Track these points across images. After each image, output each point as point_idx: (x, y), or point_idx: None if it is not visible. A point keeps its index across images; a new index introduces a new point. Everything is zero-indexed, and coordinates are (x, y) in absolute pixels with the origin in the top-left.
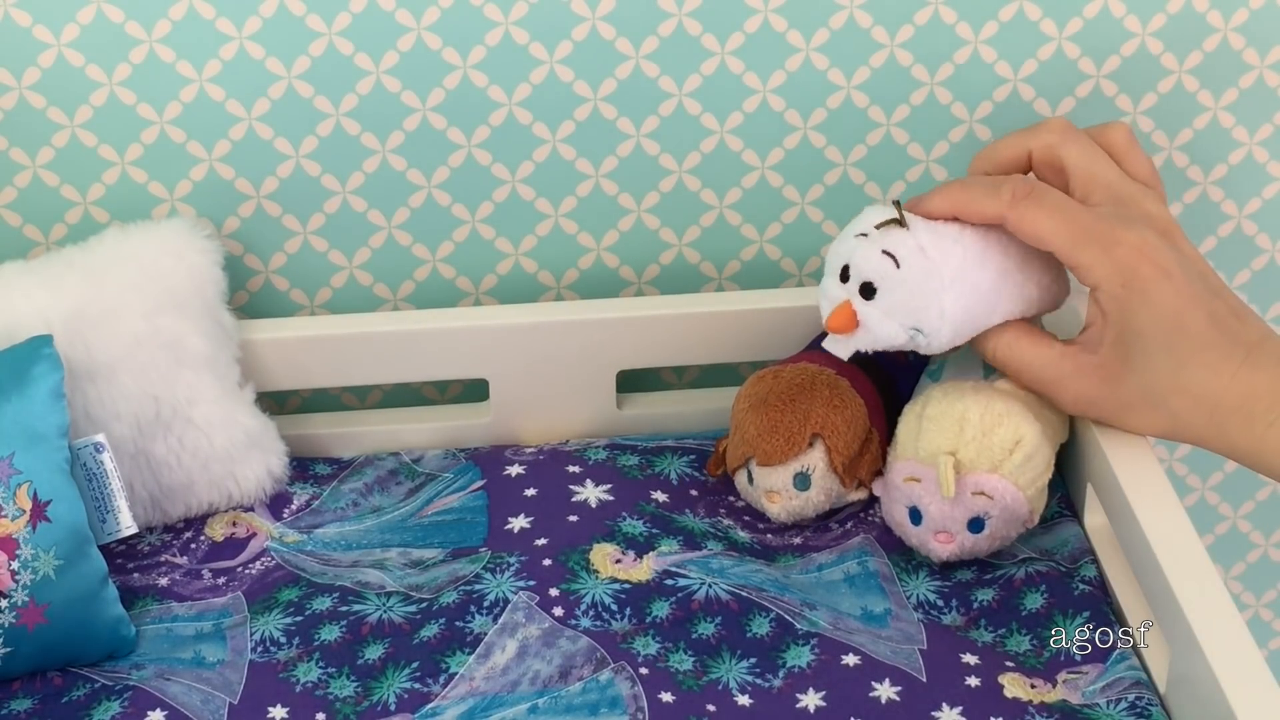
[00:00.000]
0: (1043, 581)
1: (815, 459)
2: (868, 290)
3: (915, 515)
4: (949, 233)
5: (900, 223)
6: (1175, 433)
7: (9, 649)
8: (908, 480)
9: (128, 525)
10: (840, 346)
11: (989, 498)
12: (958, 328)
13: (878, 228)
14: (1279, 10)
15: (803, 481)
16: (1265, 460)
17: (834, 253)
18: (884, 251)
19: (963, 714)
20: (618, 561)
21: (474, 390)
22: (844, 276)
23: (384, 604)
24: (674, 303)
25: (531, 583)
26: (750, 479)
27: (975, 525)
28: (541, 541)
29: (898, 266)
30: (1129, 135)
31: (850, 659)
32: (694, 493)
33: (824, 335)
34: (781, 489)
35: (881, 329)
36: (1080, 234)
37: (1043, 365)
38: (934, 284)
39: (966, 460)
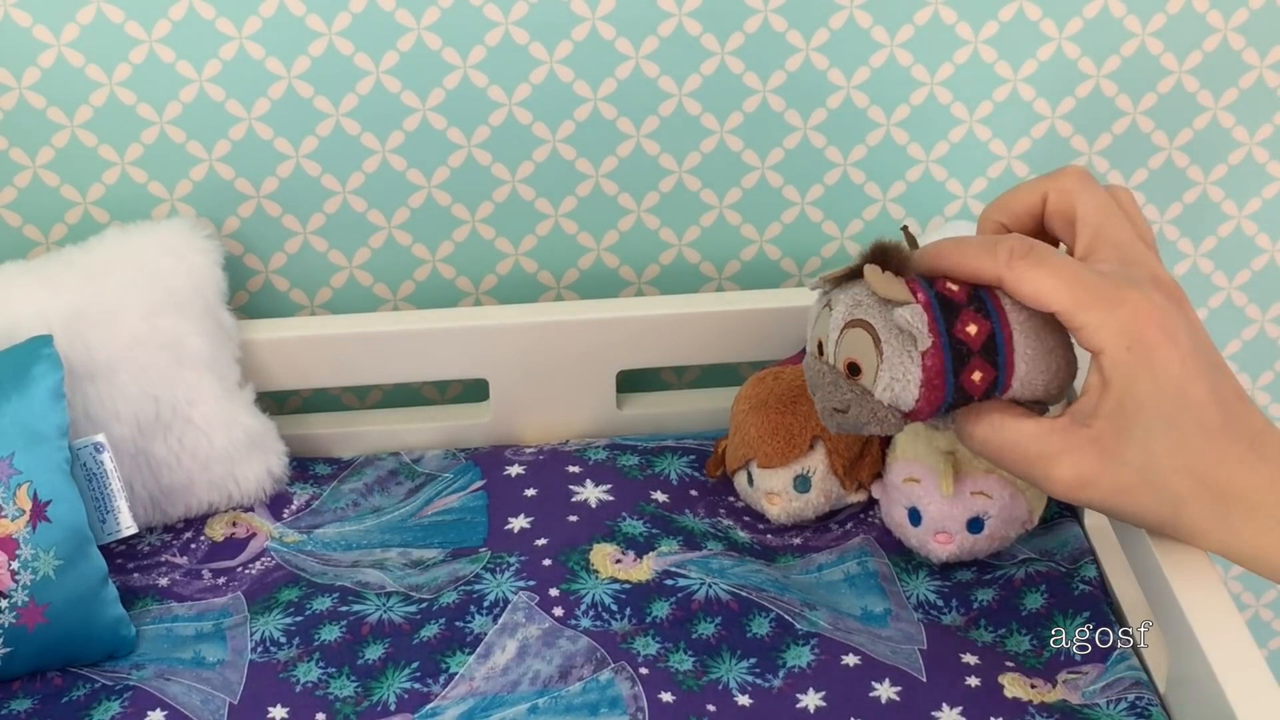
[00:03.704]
0: (1043, 581)
1: (815, 461)
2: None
3: (914, 516)
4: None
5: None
6: (1177, 522)
7: (9, 649)
8: (907, 481)
9: (128, 525)
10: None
11: (988, 497)
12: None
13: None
14: (1279, 10)
15: (803, 483)
16: (1263, 560)
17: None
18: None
19: (963, 714)
20: (618, 561)
21: (474, 390)
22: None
23: (384, 604)
24: (674, 303)
25: (531, 583)
26: (750, 480)
27: (974, 525)
28: (541, 541)
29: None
30: (1133, 199)
31: (850, 659)
32: (694, 493)
33: None
34: (781, 491)
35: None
36: (1084, 293)
37: (1030, 440)
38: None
39: (965, 460)
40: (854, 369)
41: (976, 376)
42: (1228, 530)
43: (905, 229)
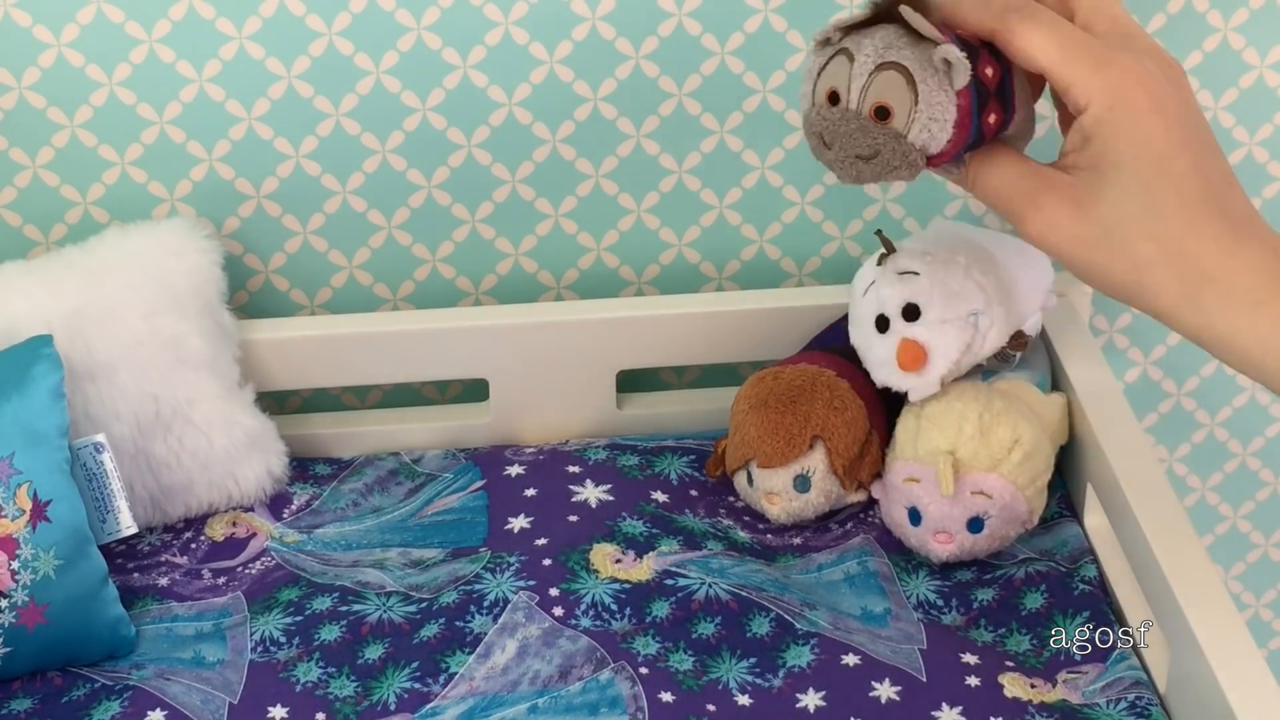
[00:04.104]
0: (1043, 581)
1: (815, 461)
2: (912, 312)
3: (914, 516)
4: (929, 235)
5: (891, 249)
6: (1140, 289)
7: (9, 649)
8: (907, 481)
9: (128, 525)
10: (925, 386)
11: (988, 497)
12: (1003, 289)
13: (878, 264)
14: (1279, 10)
15: (803, 483)
16: (1238, 348)
17: (858, 318)
18: (900, 274)
19: (963, 714)
20: (618, 561)
21: (474, 390)
22: (882, 327)
23: (384, 604)
24: (674, 303)
25: (531, 583)
26: (750, 480)
27: (974, 525)
28: (541, 541)
29: (918, 275)
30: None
31: (850, 659)
32: (694, 493)
33: (827, 332)
34: (781, 491)
35: (947, 339)
36: (1073, 50)
37: (1018, 177)
38: (958, 267)
39: (965, 459)
40: (882, 113)
41: (992, 119)
42: (1197, 310)
43: (878, 232)
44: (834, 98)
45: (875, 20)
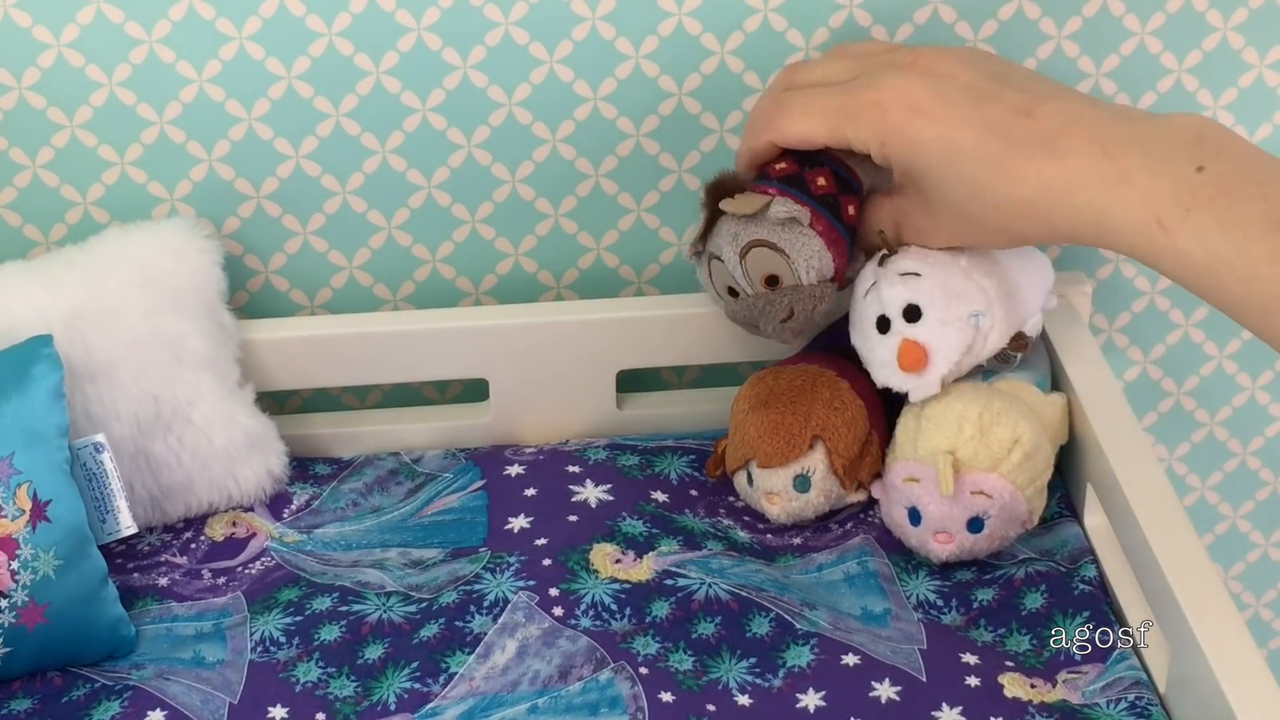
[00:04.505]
0: (1043, 581)
1: (815, 461)
2: (913, 313)
3: (914, 516)
4: None
5: (893, 250)
6: (1019, 242)
7: (9, 649)
8: (907, 481)
9: (128, 525)
10: (926, 386)
11: (988, 497)
12: (1003, 293)
13: (880, 265)
14: (1279, 10)
15: (803, 483)
16: (1103, 241)
17: (859, 320)
18: (901, 275)
19: (963, 714)
20: (618, 561)
21: (474, 390)
22: (883, 328)
23: (384, 604)
24: (674, 303)
25: (531, 583)
26: (750, 480)
27: (974, 525)
28: (541, 541)
29: (920, 276)
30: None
31: (850, 659)
32: (694, 493)
33: (826, 332)
34: (781, 491)
35: (948, 340)
36: (831, 119)
37: (877, 219)
38: (959, 268)
39: (965, 459)
40: (772, 280)
41: (851, 210)
42: (1056, 234)
43: (880, 232)
44: (733, 291)
45: (714, 218)
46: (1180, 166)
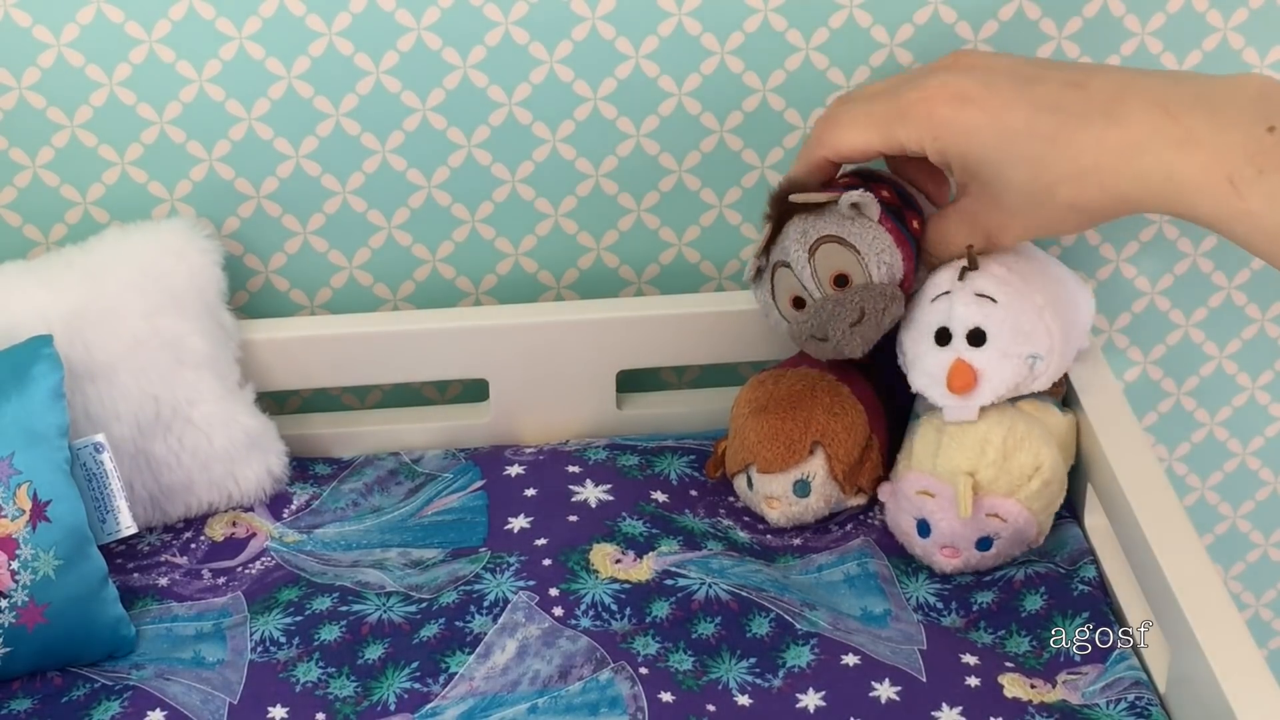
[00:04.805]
0: (1042, 583)
1: (816, 466)
2: (978, 337)
3: (923, 528)
4: (1013, 260)
5: (975, 266)
6: (1090, 218)
7: (9, 649)
8: (920, 493)
9: (128, 525)
10: (965, 410)
11: (1002, 520)
12: (1065, 341)
13: (960, 279)
14: (1279, 10)
15: (803, 488)
16: (1171, 205)
17: (918, 322)
18: (977, 295)
19: (963, 714)
20: (618, 561)
21: (474, 390)
22: (942, 340)
23: (384, 604)
24: (674, 303)
25: (531, 583)
26: (750, 484)
27: (983, 544)
28: (541, 541)
29: (995, 302)
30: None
31: (850, 659)
32: (694, 493)
33: None
34: (781, 495)
35: (1003, 373)
36: (881, 124)
37: (948, 231)
38: (1031, 305)
39: (985, 482)
40: (841, 280)
41: (915, 224)
42: (1126, 203)
43: (971, 246)
44: (798, 303)
45: (778, 228)
46: (1249, 126)
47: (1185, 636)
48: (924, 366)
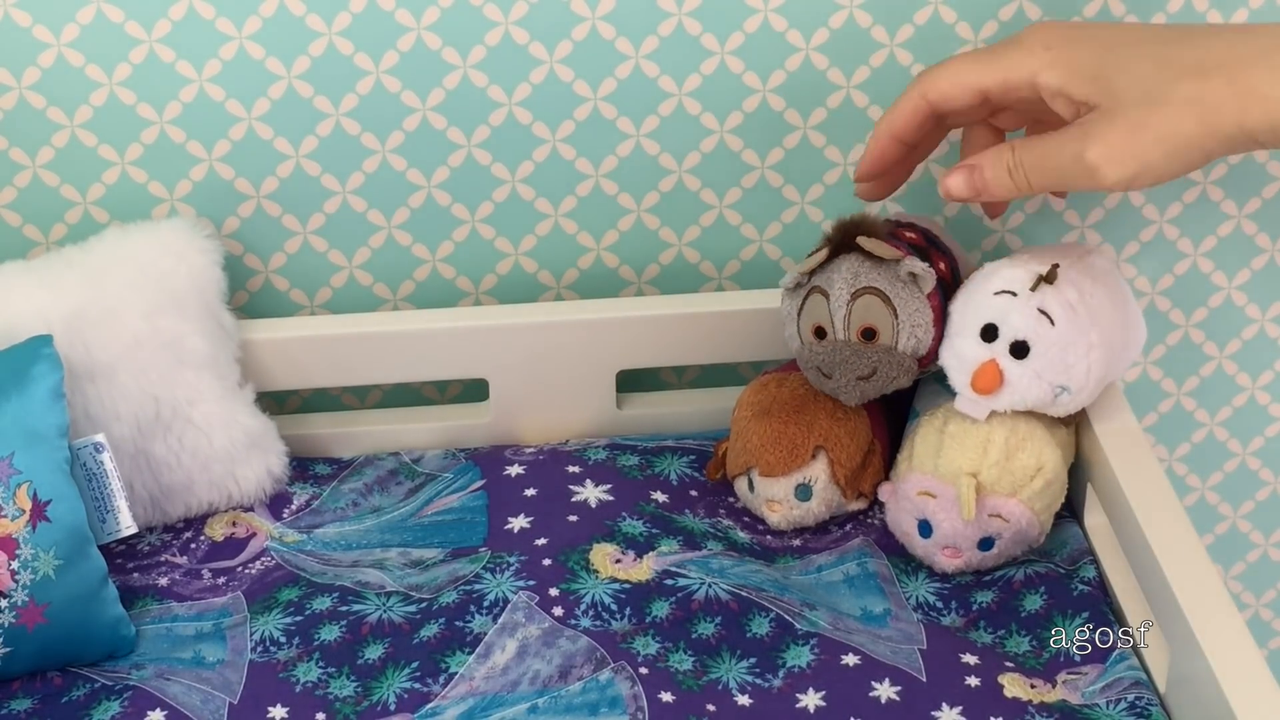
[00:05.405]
0: (1042, 583)
1: (817, 471)
2: (1021, 350)
3: (925, 528)
4: (1090, 288)
5: (1053, 280)
6: (1206, 119)
7: (9, 649)
8: (922, 494)
9: (128, 525)
10: (978, 408)
11: (1005, 520)
12: (1099, 383)
13: (1032, 289)
14: (1279, 10)
15: (804, 492)
16: None
17: (971, 305)
18: (1040, 310)
19: (963, 714)
20: (618, 561)
21: (474, 390)
22: (987, 336)
23: (384, 604)
24: (674, 303)
25: (531, 583)
26: (751, 487)
27: (985, 544)
28: (541, 541)
29: (1053, 325)
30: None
31: (850, 659)
32: (694, 493)
33: None
34: (783, 499)
35: (1029, 390)
36: (986, 57)
37: (1039, 154)
38: (1084, 342)
39: (987, 483)
40: (869, 334)
41: (943, 265)
42: (1256, 99)
43: (1056, 265)
44: (819, 332)
45: (834, 255)
46: None
47: (1185, 636)
48: (958, 349)
